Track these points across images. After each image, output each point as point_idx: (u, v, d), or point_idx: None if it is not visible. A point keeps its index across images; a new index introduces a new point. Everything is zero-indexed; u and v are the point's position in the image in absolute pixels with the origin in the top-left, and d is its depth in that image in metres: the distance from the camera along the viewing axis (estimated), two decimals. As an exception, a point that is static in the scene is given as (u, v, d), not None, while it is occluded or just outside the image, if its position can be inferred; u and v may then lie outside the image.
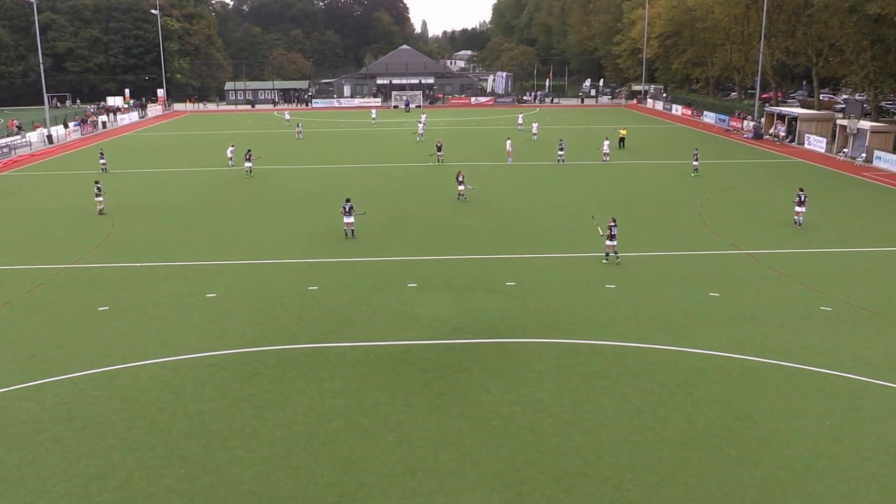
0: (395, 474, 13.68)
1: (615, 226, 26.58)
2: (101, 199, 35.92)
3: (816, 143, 57.20)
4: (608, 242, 26.55)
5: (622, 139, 58.24)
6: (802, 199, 32.13)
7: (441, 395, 16.76)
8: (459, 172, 38.22)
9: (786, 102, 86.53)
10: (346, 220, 30.33)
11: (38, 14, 77.93)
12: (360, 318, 21.62)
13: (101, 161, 49.72)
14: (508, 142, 51.16)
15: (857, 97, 74.17)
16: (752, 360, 18.62)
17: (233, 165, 49.44)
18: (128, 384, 17.45)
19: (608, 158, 50.04)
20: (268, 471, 13.83)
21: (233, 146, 51.41)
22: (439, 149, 50.40)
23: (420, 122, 66.96)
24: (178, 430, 15.34)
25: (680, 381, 17.41)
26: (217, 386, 17.32)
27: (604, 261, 26.69)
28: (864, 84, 64.44)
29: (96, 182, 37.07)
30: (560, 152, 49.80)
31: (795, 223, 32.35)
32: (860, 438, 14.90)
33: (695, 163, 46.09)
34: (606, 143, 50.62)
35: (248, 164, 46.29)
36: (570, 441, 14.76)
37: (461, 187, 37.37)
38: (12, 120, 73.38)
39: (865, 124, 52.63)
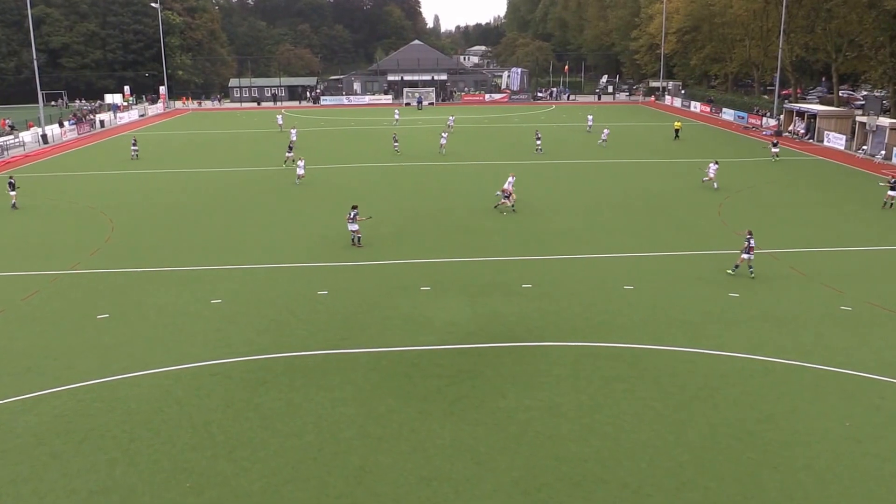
0: (410, 484, 13.48)
1: (752, 237, 25.00)
2: (13, 193, 36.69)
3: (836, 141, 56.52)
4: (744, 255, 25.01)
5: (677, 131, 61.73)
6: (894, 183, 35.02)
7: (456, 401, 16.56)
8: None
9: (805, 99, 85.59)
10: (350, 227, 29.06)
11: (31, 7, 74.48)
12: (371, 323, 21.28)
13: (134, 148, 52.24)
14: (444, 135, 53.90)
15: (876, 94, 73.21)
16: (773, 361, 18.39)
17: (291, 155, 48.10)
18: (129, 395, 16.89)
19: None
20: (277, 483, 13.52)
21: (296, 153, 48.82)
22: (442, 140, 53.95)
23: (448, 125, 64.58)
24: (183, 441, 14.91)
25: (700, 383, 17.22)
26: (223, 395, 16.88)
27: (729, 271, 25.28)
28: (884, 80, 63.74)
29: (10, 177, 37.55)
30: (538, 142, 53.10)
31: (886, 205, 35.13)
32: (880, 439, 14.72)
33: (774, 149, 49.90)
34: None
35: (288, 155, 48.49)
36: (589, 447, 14.60)
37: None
38: (4, 119, 70.27)
39: (885, 121, 52.02)
